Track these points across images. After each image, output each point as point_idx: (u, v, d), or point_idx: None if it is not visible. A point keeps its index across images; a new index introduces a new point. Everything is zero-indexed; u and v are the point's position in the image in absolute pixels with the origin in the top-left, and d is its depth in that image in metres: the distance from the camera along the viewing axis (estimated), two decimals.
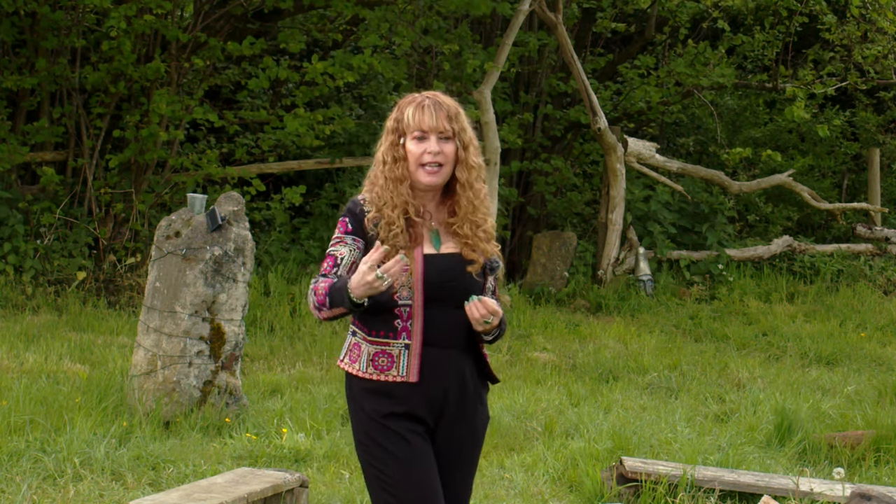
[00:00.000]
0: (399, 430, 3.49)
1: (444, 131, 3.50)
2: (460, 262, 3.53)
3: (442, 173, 3.52)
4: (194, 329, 6.91)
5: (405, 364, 3.49)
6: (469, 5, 12.48)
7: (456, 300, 3.49)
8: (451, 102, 3.55)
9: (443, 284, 3.49)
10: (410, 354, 3.49)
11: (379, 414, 3.51)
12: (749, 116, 17.51)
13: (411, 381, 3.48)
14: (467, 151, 3.53)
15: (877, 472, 6.53)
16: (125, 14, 11.11)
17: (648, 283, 13.19)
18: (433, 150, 3.49)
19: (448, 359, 3.52)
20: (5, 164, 11.27)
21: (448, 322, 3.50)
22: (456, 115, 3.53)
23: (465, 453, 3.63)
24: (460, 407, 3.57)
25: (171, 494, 5.01)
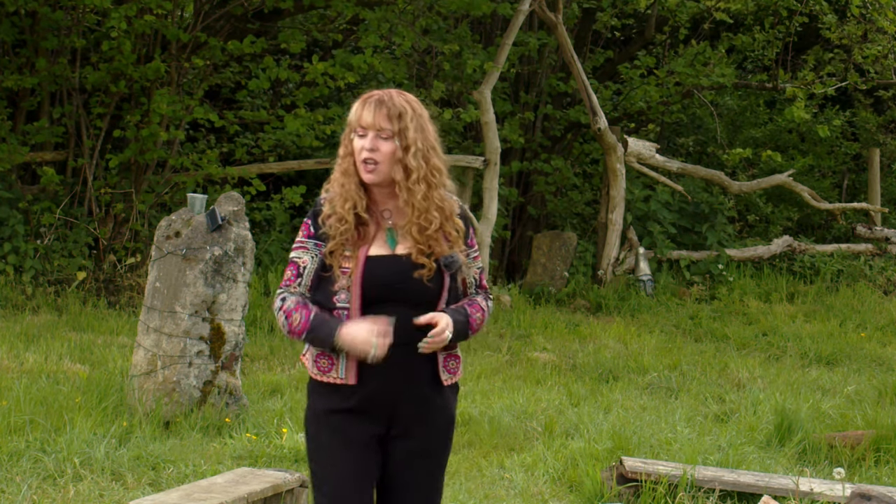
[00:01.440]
0: (339, 427, 3.51)
1: (381, 130, 3.47)
2: (409, 264, 3.50)
3: (379, 172, 3.49)
4: (194, 329, 6.91)
5: (343, 367, 3.50)
6: (469, 6, 12.48)
7: (407, 301, 3.47)
8: (399, 101, 3.50)
9: (390, 285, 3.48)
10: (348, 357, 3.48)
11: (323, 410, 3.55)
12: (749, 116, 17.51)
13: (350, 383, 3.49)
14: (406, 152, 3.48)
15: (877, 472, 6.53)
16: (125, 14, 11.11)
17: (648, 283, 13.19)
18: (367, 146, 3.48)
19: (402, 358, 3.47)
20: (5, 164, 11.27)
21: (401, 322, 3.45)
22: (399, 115, 3.48)
23: (425, 454, 3.59)
24: (414, 406, 3.54)
25: (171, 494, 5.01)
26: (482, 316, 3.63)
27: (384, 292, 3.48)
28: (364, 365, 3.47)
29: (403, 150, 3.48)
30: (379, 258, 3.50)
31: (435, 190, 3.51)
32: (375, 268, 3.49)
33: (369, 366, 3.46)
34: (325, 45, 14.68)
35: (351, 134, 3.54)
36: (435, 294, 3.51)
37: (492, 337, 10.64)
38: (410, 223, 3.50)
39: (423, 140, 3.51)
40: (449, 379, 3.59)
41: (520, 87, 15.11)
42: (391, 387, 3.51)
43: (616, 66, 16.22)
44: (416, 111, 3.51)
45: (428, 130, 3.53)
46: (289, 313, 3.51)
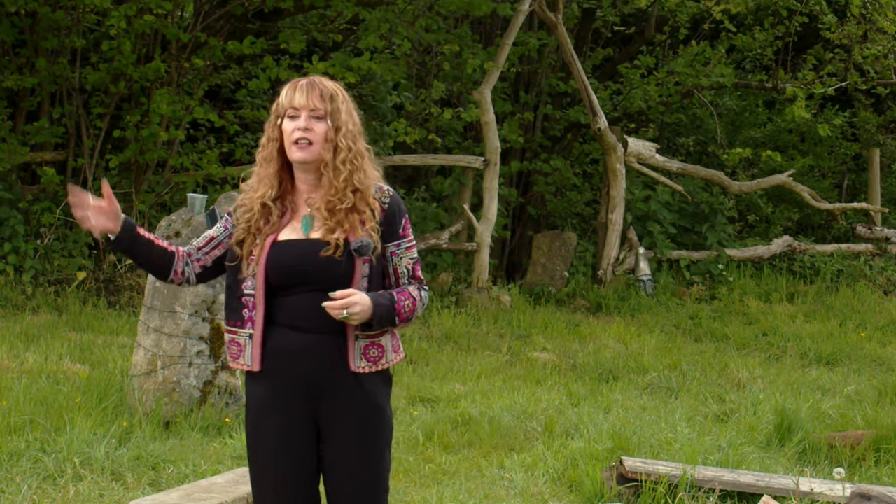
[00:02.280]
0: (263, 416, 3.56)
1: (314, 109, 3.53)
2: (317, 246, 3.51)
3: (312, 151, 3.53)
4: (194, 329, 6.92)
5: (249, 353, 3.55)
6: (469, 5, 12.48)
7: (316, 284, 3.47)
8: (329, 84, 3.58)
9: (297, 268, 3.49)
10: (253, 344, 3.53)
11: (252, 399, 3.60)
12: (749, 116, 17.51)
13: (255, 369, 3.54)
14: (338, 133, 3.54)
15: (877, 472, 6.53)
16: (125, 14, 11.11)
17: (648, 283, 13.19)
18: (301, 125, 3.52)
19: (312, 345, 3.50)
20: (5, 164, 11.28)
21: (308, 307, 3.48)
22: (331, 97, 3.55)
23: (348, 440, 3.55)
24: (334, 395, 3.54)
25: (171, 494, 5.01)
26: (412, 304, 3.57)
27: (291, 277, 3.50)
28: (269, 350, 3.52)
29: (335, 130, 3.55)
30: (287, 242, 3.54)
31: (356, 172, 3.56)
32: (281, 252, 3.53)
33: (275, 351, 3.51)
34: (325, 45, 14.68)
35: (278, 119, 3.59)
36: (345, 278, 3.49)
37: (492, 337, 10.65)
38: (324, 202, 3.54)
39: (353, 123, 3.58)
40: (367, 367, 3.55)
41: (520, 86, 15.11)
42: (302, 373, 3.52)
43: (616, 65, 16.22)
44: (344, 96, 3.60)
45: (355, 115, 3.61)
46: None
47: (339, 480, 3.58)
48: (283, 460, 3.56)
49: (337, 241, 3.48)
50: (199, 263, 3.68)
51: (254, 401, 3.60)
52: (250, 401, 3.62)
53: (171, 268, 3.65)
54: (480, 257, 12.73)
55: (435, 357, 9.60)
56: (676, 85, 15.05)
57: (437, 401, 7.92)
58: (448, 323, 11.03)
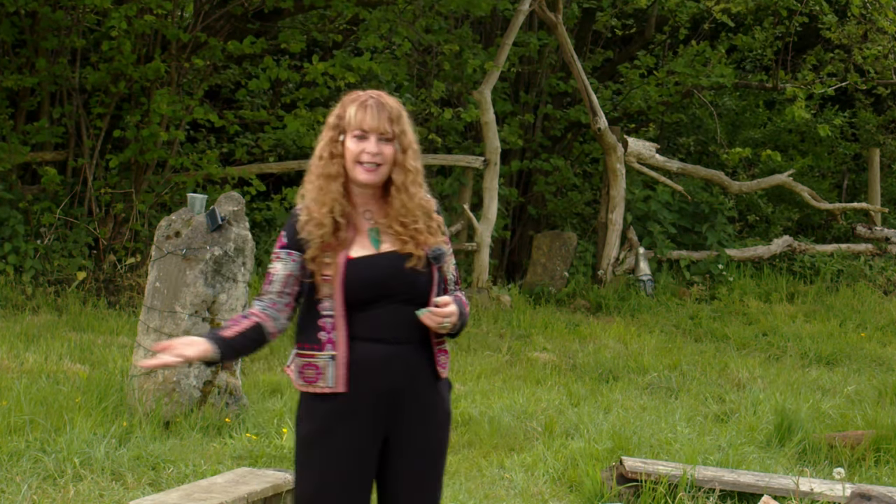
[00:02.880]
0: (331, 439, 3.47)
1: (384, 132, 3.49)
2: (396, 259, 3.49)
3: (379, 173, 3.50)
4: (194, 329, 6.91)
5: (332, 375, 3.47)
6: (469, 5, 12.48)
7: (401, 296, 3.47)
8: (394, 104, 3.54)
9: (379, 284, 3.47)
10: (337, 365, 3.46)
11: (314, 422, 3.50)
12: (749, 116, 17.51)
13: (339, 390, 3.46)
14: (405, 154, 3.51)
15: (877, 472, 6.53)
16: (125, 14, 11.11)
17: (648, 283, 13.19)
18: (372, 150, 3.48)
19: (397, 356, 3.48)
20: (6, 164, 11.28)
21: (395, 319, 3.47)
22: (398, 118, 3.51)
23: (425, 452, 3.56)
24: (413, 404, 3.53)
25: (171, 494, 5.01)
26: (467, 309, 3.65)
27: (372, 292, 3.47)
28: (355, 369, 3.45)
29: (402, 152, 3.51)
30: (362, 259, 3.49)
31: (421, 188, 3.56)
32: (358, 269, 3.48)
33: (360, 370, 3.45)
34: (325, 45, 14.68)
35: (340, 135, 3.52)
36: (426, 288, 3.51)
37: (492, 337, 10.64)
38: (394, 220, 3.51)
39: (416, 142, 3.57)
40: (443, 373, 3.60)
41: (520, 86, 15.11)
42: (385, 385, 3.48)
43: (616, 66, 16.22)
44: (404, 113, 3.56)
45: (413, 133, 3.58)
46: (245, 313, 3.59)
47: (405, 488, 3.56)
48: (353, 474, 3.50)
49: (419, 255, 3.50)
50: (288, 306, 3.57)
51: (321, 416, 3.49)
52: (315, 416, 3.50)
53: (266, 336, 3.56)
54: (480, 257, 12.73)
55: None
56: (676, 85, 15.05)
57: None
58: None
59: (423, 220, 3.52)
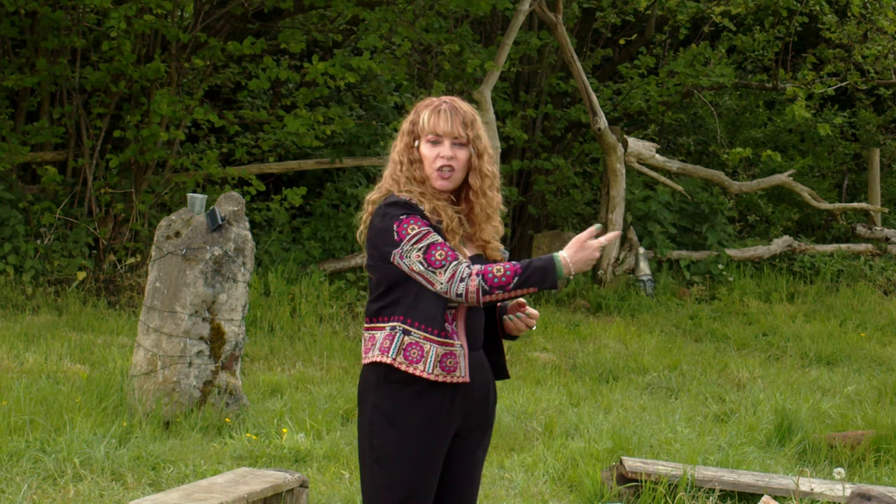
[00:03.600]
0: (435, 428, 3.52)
1: (458, 137, 3.50)
2: (486, 263, 3.56)
3: (454, 178, 3.52)
4: (194, 329, 6.91)
5: (464, 365, 3.51)
6: (469, 4, 12.48)
7: None
8: (467, 109, 3.55)
9: None
10: (464, 355, 3.52)
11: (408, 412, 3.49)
12: (749, 116, 17.52)
13: (467, 380, 3.52)
14: (481, 159, 3.54)
15: (877, 472, 6.53)
16: (125, 14, 11.10)
17: (648, 283, 13.19)
18: (446, 154, 3.49)
19: (481, 358, 3.61)
20: (6, 164, 11.28)
21: (479, 322, 3.59)
22: (472, 122, 3.53)
23: (484, 447, 3.73)
24: (488, 402, 3.66)
25: (171, 494, 5.01)
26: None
27: None
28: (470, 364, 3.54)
29: (478, 156, 3.54)
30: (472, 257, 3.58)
31: (498, 194, 3.62)
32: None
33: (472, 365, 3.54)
34: (325, 45, 14.68)
35: (415, 141, 3.53)
36: None
37: None
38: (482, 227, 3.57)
39: (488, 146, 3.59)
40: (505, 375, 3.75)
41: (520, 86, 15.11)
42: (479, 383, 3.59)
43: (616, 65, 16.22)
44: (477, 118, 3.58)
45: (487, 138, 3.61)
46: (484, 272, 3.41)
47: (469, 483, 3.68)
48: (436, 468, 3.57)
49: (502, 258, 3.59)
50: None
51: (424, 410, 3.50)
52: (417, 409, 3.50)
53: None
54: None
55: None
56: (677, 85, 15.05)
57: None
58: None
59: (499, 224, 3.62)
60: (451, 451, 3.61)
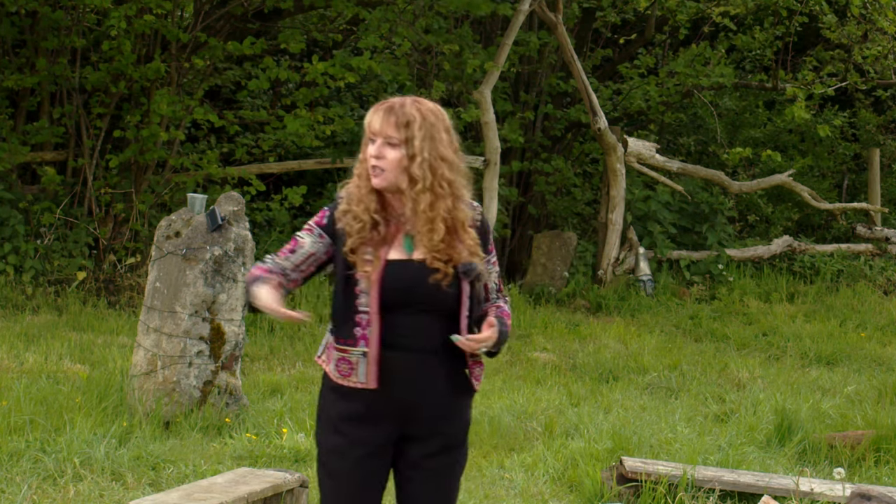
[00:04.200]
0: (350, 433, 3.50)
1: (388, 137, 3.47)
2: (424, 270, 3.47)
3: (385, 178, 3.48)
4: (194, 329, 6.91)
5: (364, 371, 3.47)
6: (469, 5, 12.48)
7: (423, 306, 3.46)
8: (410, 111, 3.47)
9: (407, 290, 3.46)
10: (368, 362, 3.46)
11: (337, 415, 3.53)
12: (749, 117, 17.52)
13: (371, 387, 3.47)
14: (412, 161, 3.45)
15: (877, 472, 6.53)
16: (125, 14, 11.11)
17: (648, 283, 13.19)
18: (373, 153, 3.49)
19: (416, 364, 3.48)
20: (6, 164, 11.28)
21: (416, 327, 3.47)
22: (407, 124, 3.45)
23: (444, 458, 3.57)
24: (434, 413, 3.53)
25: (171, 494, 5.01)
26: (509, 320, 3.62)
27: (402, 297, 3.47)
28: (388, 368, 3.46)
29: (409, 158, 3.46)
30: (397, 262, 3.49)
31: (442, 200, 3.47)
32: (394, 272, 3.48)
33: (395, 369, 3.46)
34: (325, 45, 14.68)
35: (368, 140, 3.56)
36: (454, 301, 3.49)
37: None
38: (420, 231, 3.49)
39: (431, 150, 3.46)
40: (475, 385, 3.60)
41: (520, 86, 15.11)
42: (412, 393, 3.49)
43: (616, 65, 16.22)
44: (426, 120, 3.47)
45: (439, 140, 3.48)
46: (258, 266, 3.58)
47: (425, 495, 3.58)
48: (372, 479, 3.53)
49: (446, 271, 3.46)
50: (294, 283, 3.60)
51: (339, 415, 3.53)
52: (334, 414, 3.54)
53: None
54: None
55: None
56: (676, 85, 15.05)
57: None
58: None
59: (443, 234, 3.47)
60: (401, 463, 3.57)
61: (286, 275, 3.56)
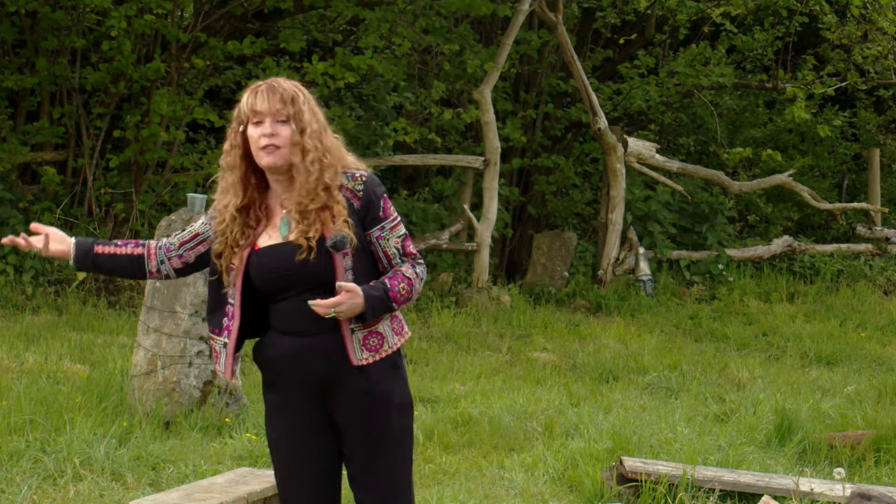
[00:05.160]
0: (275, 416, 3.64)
1: (277, 113, 3.49)
2: (293, 250, 3.49)
3: (280, 155, 3.49)
4: (194, 329, 6.92)
5: (223, 362, 3.62)
6: (469, 6, 12.48)
7: (300, 287, 3.48)
8: (288, 86, 3.53)
9: (277, 273, 3.50)
10: (227, 353, 3.59)
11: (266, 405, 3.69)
12: (749, 116, 17.52)
13: (228, 378, 3.64)
14: (303, 134, 3.50)
15: (877, 472, 6.53)
16: (125, 14, 11.11)
17: (648, 283, 13.19)
18: (267, 132, 3.49)
19: (305, 346, 3.51)
20: (5, 164, 11.28)
21: (301, 310, 3.47)
22: (292, 99, 3.51)
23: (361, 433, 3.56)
24: (338, 388, 3.54)
25: (171, 494, 5.02)
26: (408, 285, 3.53)
27: (273, 281, 3.51)
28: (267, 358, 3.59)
29: (300, 132, 3.51)
30: (266, 249, 3.53)
31: (326, 170, 3.52)
32: (260, 259, 3.53)
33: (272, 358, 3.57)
34: (325, 45, 14.68)
35: (240, 126, 3.54)
36: (327, 276, 3.47)
37: (492, 337, 10.65)
38: (294, 204, 3.51)
39: (317, 122, 3.54)
40: (369, 357, 3.52)
41: (520, 86, 15.11)
42: (304, 375, 3.54)
43: (616, 65, 16.22)
44: (305, 95, 3.56)
45: (318, 113, 3.57)
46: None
47: (359, 474, 3.60)
48: (301, 461, 3.60)
49: (309, 243, 3.45)
50: (181, 260, 3.69)
51: (268, 406, 3.67)
52: (266, 406, 3.68)
53: (143, 269, 3.70)
54: (480, 257, 12.74)
55: (435, 357, 9.60)
56: (677, 85, 15.05)
57: (437, 401, 7.91)
58: (448, 323, 11.03)
59: (323, 203, 3.49)
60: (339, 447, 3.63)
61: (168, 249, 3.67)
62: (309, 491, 3.61)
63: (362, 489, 3.59)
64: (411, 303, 3.59)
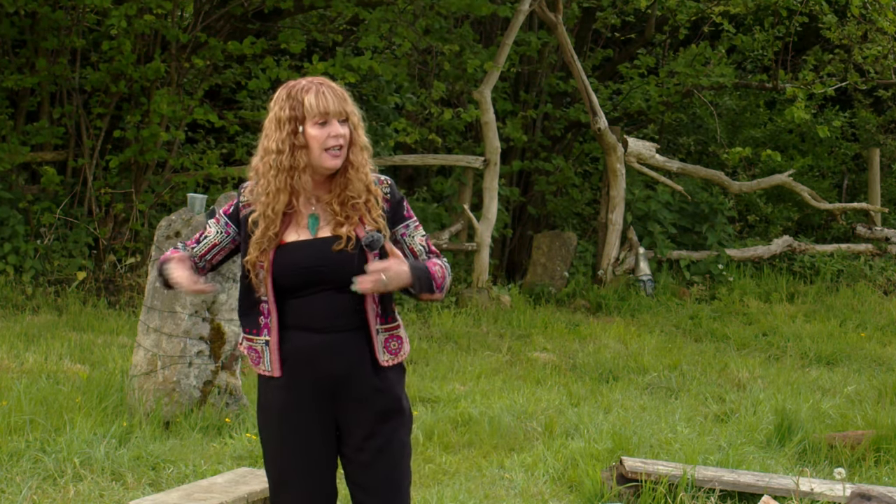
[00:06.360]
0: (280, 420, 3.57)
1: (340, 114, 3.51)
2: (328, 244, 3.51)
3: (342, 155, 3.52)
4: (194, 329, 6.92)
5: (268, 360, 3.56)
6: (469, 6, 12.48)
7: (331, 284, 3.48)
8: (336, 85, 3.56)
9: (309, 268, 3.49)
10: (270, 350, 3.54)
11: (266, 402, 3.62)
12: (749, 116, 17.52)
13: (276, 375, 3.54)
14: (358, 132, 3.54)
15: (877, 472, 6.53)
16: (125, 14, 11.11)
17: (648, 283, 13.19)
18: (337, 132, 3.49)
19: (331, 344, 3.51)
20: (6, 164, 11.28)
21: (329, 307, 3.49)
22: (346, 99, 3.55)
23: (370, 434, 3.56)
24: (354, 388, 3.54)
25: (171, 494, 5.02)
26: (442, 271, 3.57)
27: (303, 277, 3.49)
28: (288, 354, 3.52)
29: (356, 130, 3.55)
30: (295, 244, 3.52)
31: (368, 166, 3.58)
32: (290, 254, 3.51)
33: (295, 355, 3.52)
34: (325, 45, 14.68)
35: (299, 126, 3.49)
36: (359, 273, 3.46)
37: (492, 337, 10.65)
38: (338, 199, 3.52)
39: (360, 120, 3.60)
40: (390, 360, 3.57)
41: (520, 86, 15.12)
42: (324, 373, 3.53)
43: (616, 65, 16.22)
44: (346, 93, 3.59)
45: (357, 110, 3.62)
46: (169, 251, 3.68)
47: (362, 476, 3.59)
48: (305, 461, 3.57)
49: (348, 234, 3.48)
50: (202, 270, 3.67)
51: (271, 404, 3.60)
52: (266, 404, 3.61)
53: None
54: (480, 257, 12.74)
55: (435, 357, 9.60)
56: (676, 85, 15.05)
57: (437, 401, 7.92)
58: (448, 323, 11.03)
59: (367, 197, 3.54)
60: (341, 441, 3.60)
61: (194, 262, 3.65)
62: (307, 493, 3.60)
63: (363, 490, 3.59)
64: (443, 293, 3.58)
